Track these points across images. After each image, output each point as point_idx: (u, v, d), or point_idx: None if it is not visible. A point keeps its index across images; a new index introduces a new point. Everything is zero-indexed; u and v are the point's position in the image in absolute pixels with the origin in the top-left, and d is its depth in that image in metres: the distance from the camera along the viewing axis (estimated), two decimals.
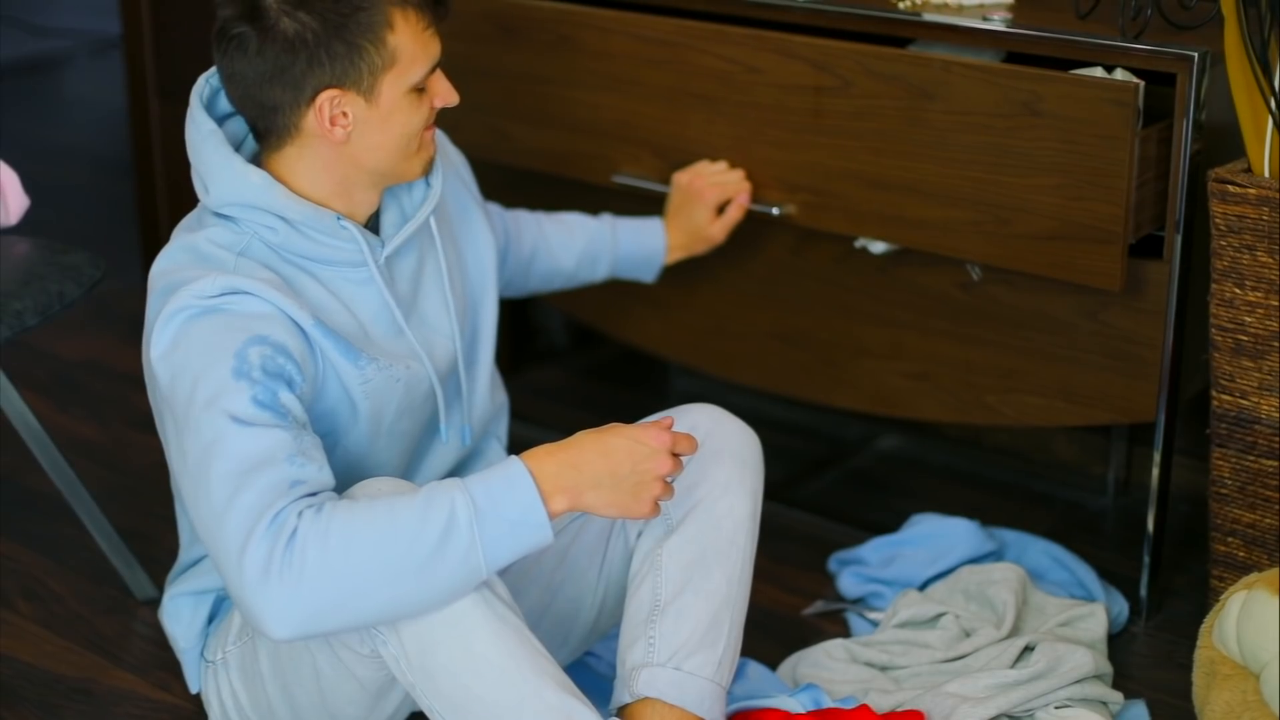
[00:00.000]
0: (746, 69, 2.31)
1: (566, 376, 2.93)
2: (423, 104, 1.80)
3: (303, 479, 1.62)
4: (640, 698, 1.81)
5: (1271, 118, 2.03)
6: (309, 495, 1.62)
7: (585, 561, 1.94)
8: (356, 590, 1.58)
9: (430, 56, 1.78)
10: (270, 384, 1.66)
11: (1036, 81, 2.11)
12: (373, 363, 1.79)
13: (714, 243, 2.37)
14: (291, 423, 1.66)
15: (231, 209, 1.76)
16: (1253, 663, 1.88)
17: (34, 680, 2.19)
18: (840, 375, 2.45)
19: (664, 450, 1.69)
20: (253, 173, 1.75)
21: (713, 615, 1.83)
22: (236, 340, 1.67)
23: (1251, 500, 2.15)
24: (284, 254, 1.78)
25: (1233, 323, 2.09)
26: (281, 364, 1.68)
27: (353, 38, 1.72)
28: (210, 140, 1.77)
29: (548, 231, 2.30)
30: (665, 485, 1.71)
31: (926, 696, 2.02)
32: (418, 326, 1.89)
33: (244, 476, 1.60)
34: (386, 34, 1.73)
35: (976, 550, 2.36)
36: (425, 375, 1.87)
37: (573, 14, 2.44)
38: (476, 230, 2.05)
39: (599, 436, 1.68)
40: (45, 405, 2.91)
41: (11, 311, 2.12)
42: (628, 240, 2.35)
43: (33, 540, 2.52)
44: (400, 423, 1.86)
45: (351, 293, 1.82)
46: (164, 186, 3.37)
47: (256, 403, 1.64)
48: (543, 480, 1.64)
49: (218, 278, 1.70)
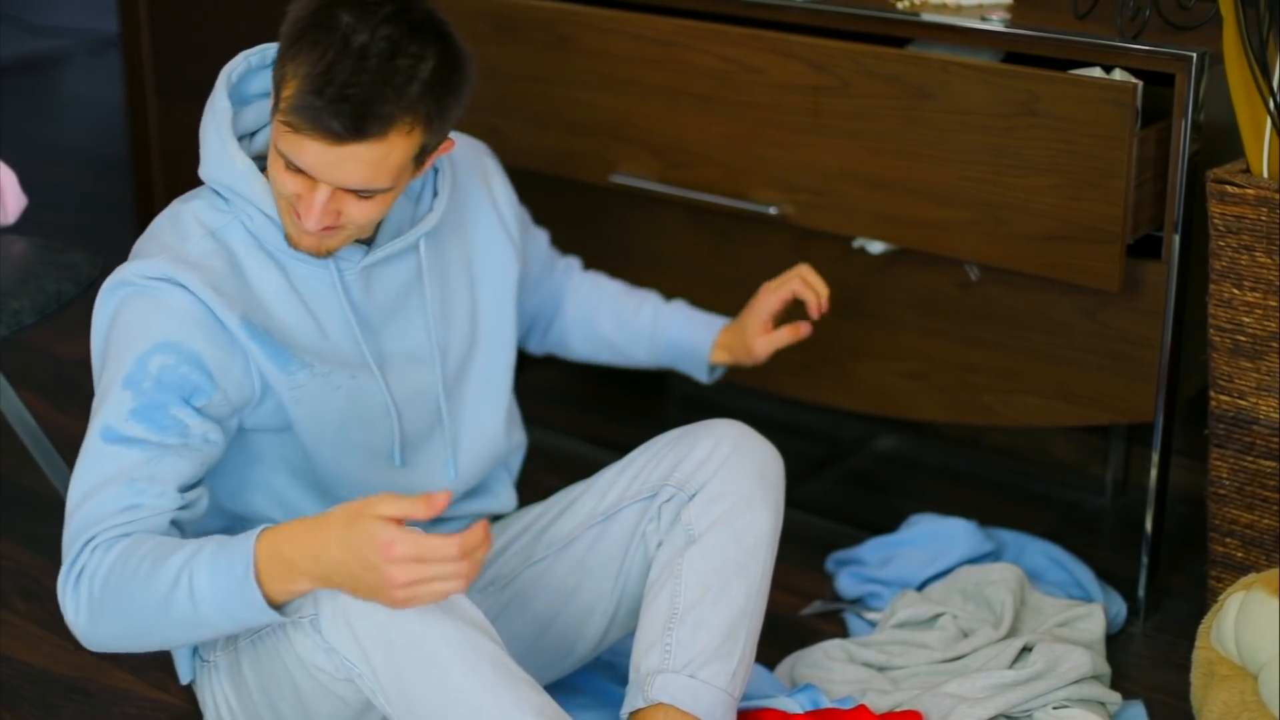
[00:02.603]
0: (744, 69, 2.31)
1: (566, 376, 2.93)
2: (285, 175, 1.71)
3: (138, 503, 1.68)
4: (654, 703, 1.81)
5: (1270, 118, 2.03)
6: (131, 521, 1.67)
7: (601, 570, 1.94)
8: (125, 627, 1.66)
9: (295, 155, 1.68)
10: (160, 396, 1.71)
11: (1035, 81, 2.11)
12: (305, 369, 1.80)
13: (754, 356, 2.17)
14: (165, 438, 1.70)
15: (219, 187, 1.79)
16: (1250, 663, 1.88)
17: (32, 680, 2.19)
18: (839, 375, 2.45)
19: (405, 561, 1.51)
20: (240, 160, 1.77)
21: (730, 626, 1.84)
22: (145, 342, 1.72)
23: (1250, 501, 2.15)
24: (261, 240, 1.79)
25: (1231, 323, 2.09)
26: (185, 374, 1.72)
27: (281, 63, 1.71)
28: (215, 119, 1.79)
29: (600, 293, 2.22)
30: (430, 588, 1.54)
31: (924, 697, 2.02)
32: (389, 340, 1.87)
33: (86, 495, 1.69)
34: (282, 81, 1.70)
35: (975, 550, 2.36)
36: (377, 388, 1.86)
37: (570, 14, 2.43)
38: (500, 266, 2.00)
39: (348, 526, 1.54)
40: (43, 405, 2.91)
41: (9, 310, 2.12)
42: (675, 324, 2.21)
43: (31, 540, 2.51)
44: (349, 433, 1.85)
45: (317, 292, 1.82)
46: (162, 185, 3.37)
47: (134, 414, 1.70)
48: (268, 565, 1.59)
49: (163, 261, 1.73)
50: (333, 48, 1.65)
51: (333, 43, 1.65)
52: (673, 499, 1.89)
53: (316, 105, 1.64)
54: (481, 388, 1.98)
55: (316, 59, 1.65)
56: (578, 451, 2.72)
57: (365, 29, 1.65)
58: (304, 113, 1.65)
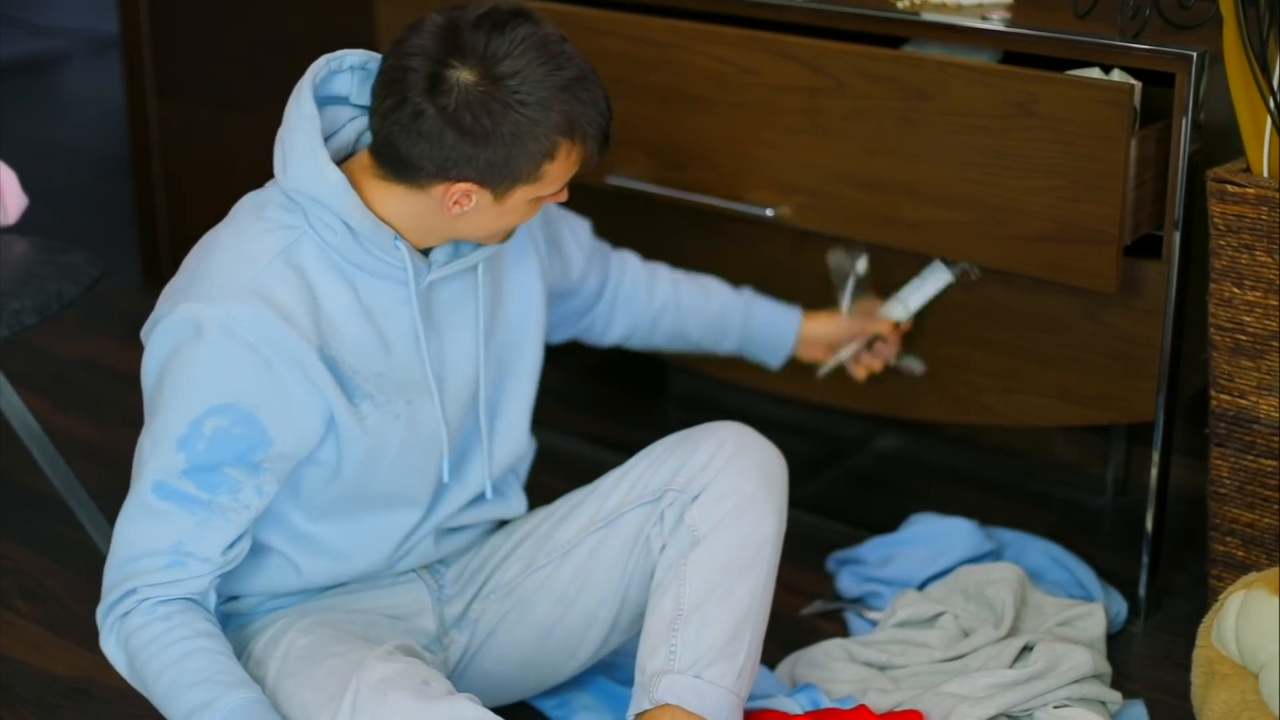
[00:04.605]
0: (740, 70, 2.31)
1: (566, 376, 2.93)
2: (538, 205, 1.81)
3: (183, 565, 1.76)
4: (660, 704, 1.81)
5: (1270, 117, 2.03)
6: (174, 581, 1.76)
7: (604, 575, 1.95)
8: (143, 690, 1.78)
9: (567, 179, 1.79)
10: (213, 457, 1.74)
11: (1032, 82, 2.11)
12: (368, 399, 1.81)
13: (843, 332, 2.35)
14: (216, 496, 1.75)
15: (301, 197, 1.76)
16: (1251, 662, 1.88)
17: (32, 680, 2.19)
18: (839, 375, 2.45)
19: None
20: (332, 172, 1.74)
21: (735, 626, 1.84)
22: (199, 404, 1.73)
23: (1250, 500, 2.15)
24: (334, 255, 1.78)
25: (1231, 322, 2.09)
26: (239, 435, 1.73)
27: (516, 156, 1.72)
28: (304, 125, 1.76)
29: (682, 292, 2.27)
30: None
31: (925, 696, 2.02)
32: (439, 360, 1.88)
33: (131, 542, 1.76)
34: (545, 161, 1.74)
35: (975, 550, 2.36)
36: (432, 410, 1.87)
37: (565, 14, 2.43)
38: (528, 281, 2.00)
39: None
40: (43, 405, 2.91)
41: (10, 311, 2.12)
42: (762, 316, 2.33)
43: (31, 540, 2.52)
44: (405, 458, 1.86)
45: (387, 307, 1.82)
46: (162, 186, 3.37)
47: (186, 474, 1.74)
48: None
49: (230, 303, 1.71)
50: (576, 83, 1.74)
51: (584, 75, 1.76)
52: (676, 502, 1.89)
53: (604, 126, 1.78)
54: (512, 401, 1.99)
55: (584, 105, 1.74)
56: (578, 451, 2.72)
57: (568, 61, 1.75)
58: (600, 141, 1.78)
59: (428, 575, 1.99)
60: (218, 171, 3.25)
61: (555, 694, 2.11)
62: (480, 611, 1.98)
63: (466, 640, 1.99)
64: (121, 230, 3.69)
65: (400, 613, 1.95)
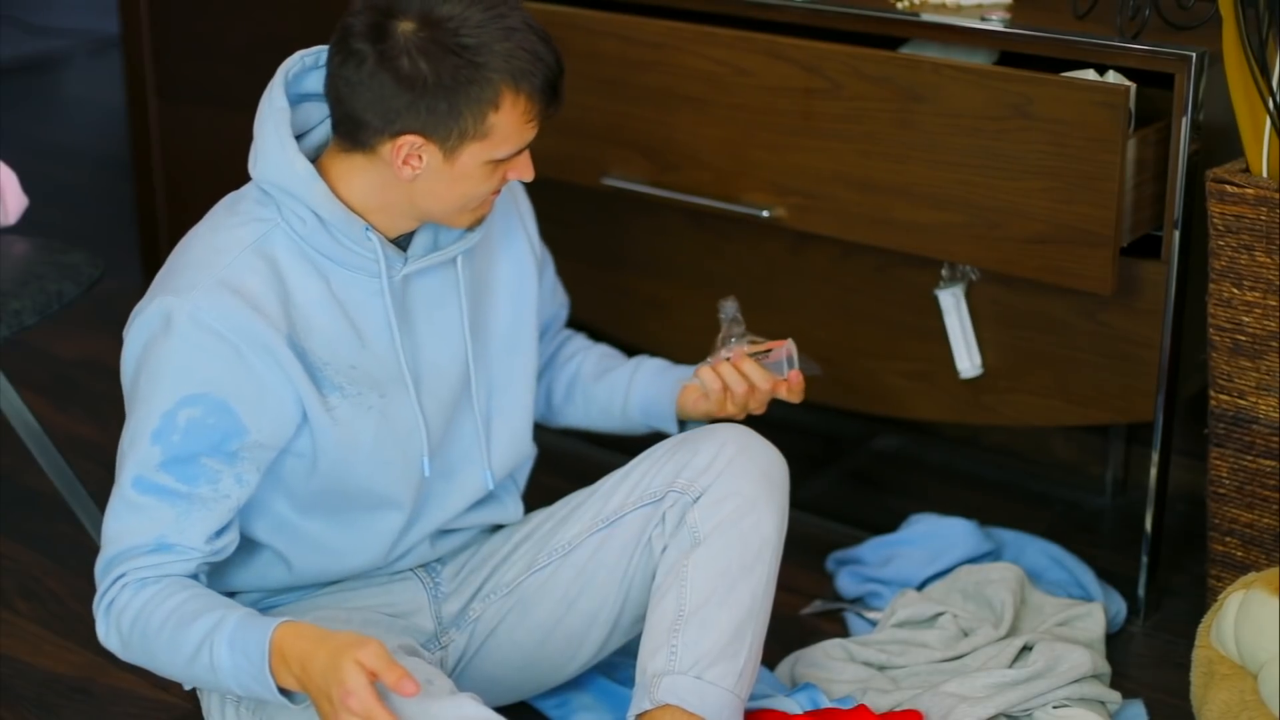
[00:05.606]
0: (735, 71, 2.31)
1: None
2: (495, 174, 1.79)
3: (169, 545, 1.76)
4: (660, 704, 1.81)
5: (1269, 118, 2.03)
6: (160, 563, 1.76)
7: (605, 576, 1.94)
8: (152, 665, 1.78)
9: (522, 142, 1.78)
10: (189, 448, 1.74)
11: (1027, 84, 2.11)
12: (336, 390, 1.80)
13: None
14: (195, 487, 1.75)
15: (271, 189, 1.78)
16: (1250, 662, 1.88)
17: (32, 679, 2.19)
18: (838, 375, 2.45)
19: (353, 714, 1.62)
20: (299, 162, 1.76)
21: (736, 627, 1.84)
22: (171, 395, 1.73)
23: (1249, 500, 2.15)
24: (306, 247, 1.79)
25: (1231, 322, 2.09)
26: (213, 424, 1.74)
27: (458, 102, 1.71)
28: (273, 118, 1.78)
29: (591, 353, 2.17)
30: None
31: (925, 696, 2.02)
32: (415, 354, 1.88)
33: (118, 536, 1.77)
34: (489, 111, 1.73)
35: (974, 550, 2.36)
36: (408, 405, 1.87)
37: (561, 15, 2.43)
38: (524, 282, 2.00)
39: (334, 655, 1.63)
40: (44, 405, 2.91)
41: (10, 311, 2.12)
42: (649, 367, 2.13)
43: (31, 540, 2.52)
44: (381, 452, 1.86)
45: (360, 300, 1.82)
46: (163, 186, 3.37)
47: (164, 467, 1.75)
48: (276, 656, 1.68)
49: (198, 293, 1.73)
50: (517, 31, 1.73)
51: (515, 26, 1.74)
52: (678, 503, 1.89)
53: (551, 77, 1.76)
54: (512, 399, 1.99)
55: (526, 52, 1.73)
56: (578, 452, 2.72)
57: (511, 10, 1.74)
58: (547, 93, 1.76)
59: (424, 573, 1.99)
60: (218, 171, 3.25)
61: (555, 694, 2.11)
62: (480, 612, 1.98)
63: (466, 640, 1.99)
64: (121, 230, 3.69)
65: (397, 611, 1.96)
